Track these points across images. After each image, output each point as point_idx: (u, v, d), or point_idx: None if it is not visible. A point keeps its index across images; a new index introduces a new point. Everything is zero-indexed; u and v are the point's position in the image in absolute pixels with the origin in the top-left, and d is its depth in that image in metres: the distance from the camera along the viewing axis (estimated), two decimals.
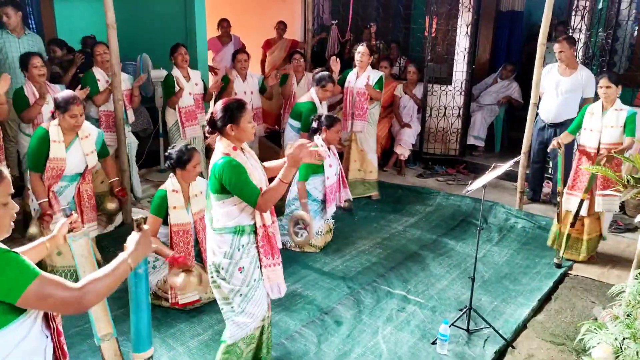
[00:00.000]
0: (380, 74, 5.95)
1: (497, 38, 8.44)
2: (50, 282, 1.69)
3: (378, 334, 3.77)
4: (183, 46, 5.59)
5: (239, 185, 2.72)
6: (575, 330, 3.70)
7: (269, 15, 8.19)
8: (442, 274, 4.64)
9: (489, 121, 7.54)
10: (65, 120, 3.80)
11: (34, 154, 3.82)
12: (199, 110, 5.76)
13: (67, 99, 3.77)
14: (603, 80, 4.50)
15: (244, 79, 5.92)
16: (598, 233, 4.78)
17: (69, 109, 3.76)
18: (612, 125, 4.47)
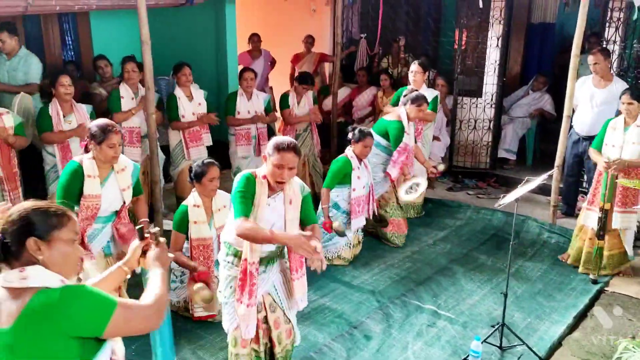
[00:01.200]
0: (436, 93, 5.82)
1: (528, 50, 8.34)
2: (129, 306, 1.75)
3: (408, 350, 3.73)
4: (187, 66, 5.48)
5: (234, 196, 2.80)
6: (612, 348, 3.60)
7: (299, 30, 8.27)
8: (473, 289, 4.56)
9: (521, 134, 7.44)
10: (102, 151, 3.37)
11: (65, 191, 3.37)
12: (203, 130, 5.55)
13: (105, 127, 3.36)
14: (625, 96, 4.47)
15: (249, 98, 5.74)
16: (621, 250, 4.68)
17: (107, 138, 3.34)
18: (634, 141, 4.42)
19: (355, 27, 8.74)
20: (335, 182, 4.80)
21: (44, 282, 1.64)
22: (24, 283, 1.64)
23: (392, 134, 5.04)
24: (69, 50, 7.35)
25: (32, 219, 1.69)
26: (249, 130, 5.74)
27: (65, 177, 3.39)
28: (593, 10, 6.16)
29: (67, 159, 4.59)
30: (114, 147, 3.37)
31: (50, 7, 4.87)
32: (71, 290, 1.66)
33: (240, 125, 5.71)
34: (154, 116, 5.04)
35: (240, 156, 5.80)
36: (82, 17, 6.99)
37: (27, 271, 1.65)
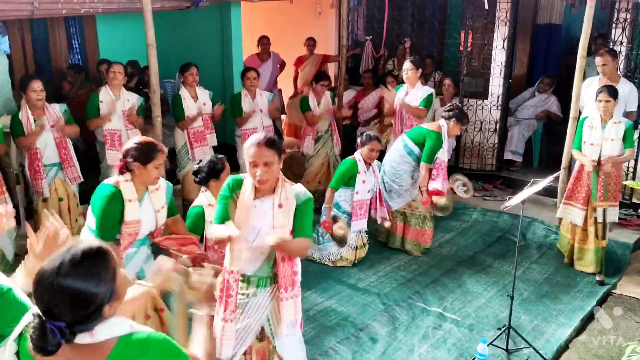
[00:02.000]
0: (430, 91, 5.81)
1: (534, 52, 8.31)
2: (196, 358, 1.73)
3: (414, 352, 3.71)
4: (195, 66, 5.50)
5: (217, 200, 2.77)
6: (619, 351, 3.57)
7: (304, 32, 8.28)
8: (480, 291, 4.55)
9: (527, 136, 7.40)
10: (146, 172, 2.99)
11: (107, 220, 2.96)
12: (208, 131, 5.58)
13: (153, 146, 3.02)
14: (602, 94, 4.54)
15: (253, 97, 5.78)
16: (602, 244, 4.72)
17: (155, 158, 2.99)
18: (613, 138, 4.55)
19: (361, 29, 8.74)
20: (340, 184, 4.80)
21: (117, 332, 1.53)
22: (97, 338, 1.50)
23: (429, 144, 4.84)
24: (76, 54, 7.41)
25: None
26: (256, 129, 5.78)
27: (103, 203, 2.96)
28: (600, 11, 6.15)
29: (35, 167, 4.61)
30: (159, 168, 3.05)
31: (57, 11, 4.90)
32: (153, 339, 1.59)
33: (249, 120, 5.76)
34: (159, 119, 5.05)
35: None
36: (89, 20, 7.05)
37: (97, 329, 1.50)
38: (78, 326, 1.45)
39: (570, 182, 4.84)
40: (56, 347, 1.42)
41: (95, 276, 1.45)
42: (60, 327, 1.41)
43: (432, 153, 4.84)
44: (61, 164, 4.80)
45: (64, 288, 1.41)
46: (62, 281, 1.41)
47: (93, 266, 1.46)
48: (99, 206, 2.96)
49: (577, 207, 4.74)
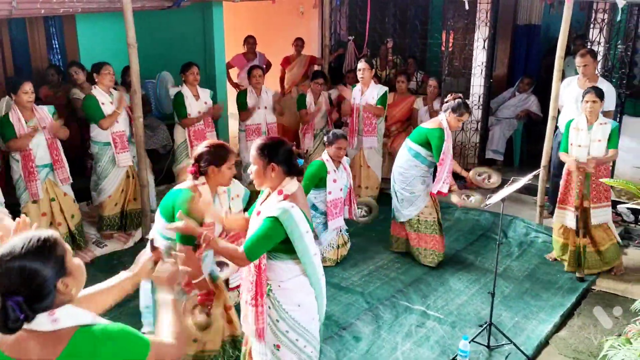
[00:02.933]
0: (385, 88, 5.98)
1: (514, 52, 8.40)
2: (159, 344, 1.74)
3: (397, 350, 3.74)
4: (196, 65, 5.59)
5: None
6: (598, 346, 3.63)
7: (287, 32, 8.27)
8: (462, 289, 4.59)
9: (508, 135, 7.48)
10: (221, 174, 3.03)
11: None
12: (208, 129, 5.69)
13: (224, 148, 3.06)
14: (589, 95, 4.57)
15: (259, 94, 5.97)
16: (613, 242, 4.77)
17: (228, 159, 3.03)
18: (600, 139, 4.58)
19: (344, 30, 8.75)
20: (310, 186, 4.77)
21: (76, 321, 1.60)
22: (57, 325, 1.57)
23: (435, 143, 4.66)
24: (56, 54, 7.31)
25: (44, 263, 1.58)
26: (259, 125, 5.96)
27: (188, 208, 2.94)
28: (578, 12, 6.23)
29: (29, 168, 4.60)
30: (231, 168, 3.08)
31: (35, 11, 4.83)
32: (110, 331, 1.63)
33: (252, 114, 5.94)
34: (140, 120, 5.02)
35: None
36: (68, 20, 6.96)
37: (57, 313, 1.58)
38: (36, 303, 1.55)
39: (562, 186, 4.81)
40: (17, 323, 1.52)
41: (43, 255, 1.57)
42: (19, 302, 1.51)
43: (440, 150, 4.66)
44: (52, 165, 4.79)
45: (15, 267, 1.53)
46: (13, 262, 1.54)
47: (41, 248, 1.58)
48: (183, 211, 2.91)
49: (571, 210, 4.71)
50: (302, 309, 2.75)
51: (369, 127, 5.90)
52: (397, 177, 4.94)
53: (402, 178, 4.89)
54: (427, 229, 4.89)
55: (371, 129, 5.92)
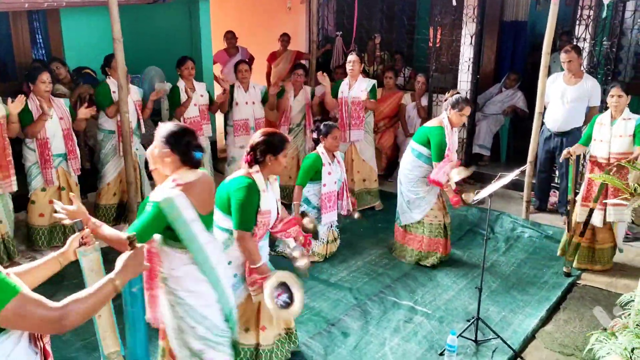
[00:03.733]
0: (373, 82, 5.98)
1: (501, 48, 8.45)
2: (31, 301, 1.64)
3: (385, 345, 3.75)
4: (191, 60, 5.64)
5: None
6: (584, 340, 3.66)
7: (274, 28, 8.24)
8: (449, 284, 4.61)
9: (494, 130, 7.53)
10: (277, 162, 3.12)
11: (249, 210, 3.06)
12: (204, 122, 5.76)
13: (281, 137, 3.16)
14: (615, 89, 4.51)
15: (246, 90, 5.93)
16: (612, 244, 4.76)
17: (285, 148, 3.14)
18: (621, 134, 4.50)
19: (331, 25, 8.74)
20: (307, 180, 4.80)
21: None
22: None
23: (434, 141, 4.57)
24: (40, 49, 7.21)
25: None
26: (247, 120, 5.92)
27: (244, 195, 3.03)
28: (564, 8, 6.26)
29: (45, 156, 4.78)
30: (286, 157, 3.19)
31: (19, 5, 4.77)
32: None
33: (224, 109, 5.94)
34: (127, 115, 4.99)
35: (238, 146, 5.91)
36: (53, 14, 6.87)
37: None
38: None
39: (585, 183, 4.73)
40: None
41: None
42: None
43: (441, 150, 4.54)
44: (66, 155, 4.95)
45: None
46: None
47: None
48: (240, 197, 3.03)
49: (600, 208, 4.58)
50: (194, 294, 2.67)
51: (357, 120, 5.90)
52: (403, 179, 4.87)
53: (407, 180, 4.83)
54: (431, 232, 4.83)
55: (359, 122, 5.91)
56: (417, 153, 4.74)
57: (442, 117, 4.67)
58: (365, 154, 6.10)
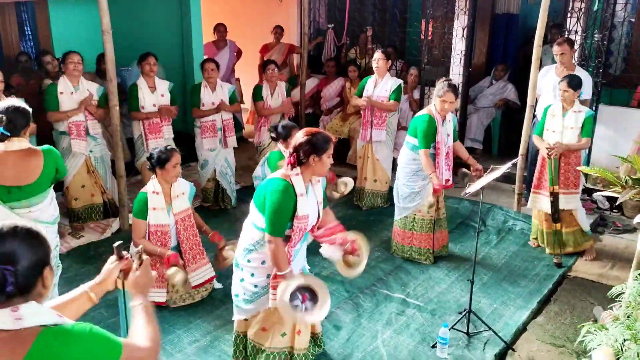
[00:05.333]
0: (399, 82, 5.75)
1: (493, 41, 8.44)
2: (132, 349, 1.68)
3: (377, 338, 3.75)
4: (153, 56, 5.35)
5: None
6: (575, 332, 3.69)
7: (265, 20, 8.20)
8: (441, 277, 4.62)
9: (486, 123, 7.54)
10: (321, 163, 2.96)
11: (282, 215, 2.92)
12: (165, 123, 5.42)
13: (325, 136, 2.98)
14: (562, 84, 4.68)
15: (213, 89, 5.61)
16: (576, 227, 4.85)
17: (329, 148, 2.96)
18: (572, 126, 4.65)
19: (323, 18, 8.70)
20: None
21: (41, 320, 1.49)
22: (20, 324, 1.46)
23: (419, 128, 4.50)
24: (28, 41, 7.14)
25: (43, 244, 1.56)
26: (215, 122, 5.64)
27: (278, 197, 2.89)
28: (556, 1, 6.26)
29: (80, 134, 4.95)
30: (330, 157, 3.01)
31: None
32: (80, 332, 1.55)
33: (206, 116, 5.60)
34: (117, 108, 4.94)
35: (206, 148, 5.70)
36: (41, 6, 6.79)
37: (21, 310, 1.47)
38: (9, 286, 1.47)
39: (537, 171, 4.89)
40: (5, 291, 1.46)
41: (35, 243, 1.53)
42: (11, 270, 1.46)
43: (426, 137, 4.46)
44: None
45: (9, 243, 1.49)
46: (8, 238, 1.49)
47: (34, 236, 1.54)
48: (274, 201, 2.89)
49: (545, 194, 4.78)
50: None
51: (379, 120, 5.69)
52: (400, 173, 4.82)
53: (403, 173, 4.78)
54: (422, 228, 4.76)
55: (381, 122, 5.70)
56: (411, 146, 4.68)
57: (431, 106, 4.63)
58: (381, 154, 5.88)
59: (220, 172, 5.79)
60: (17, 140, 3.22)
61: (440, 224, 4.85)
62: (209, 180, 5.84)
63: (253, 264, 3.09)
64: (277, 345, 3.20)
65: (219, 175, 5.80)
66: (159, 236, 3.90)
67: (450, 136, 4.67)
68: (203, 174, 5.84)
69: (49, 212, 3.43)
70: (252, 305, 3.15)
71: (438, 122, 4.50)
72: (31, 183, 3.24)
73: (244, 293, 3.14)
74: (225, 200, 5.93)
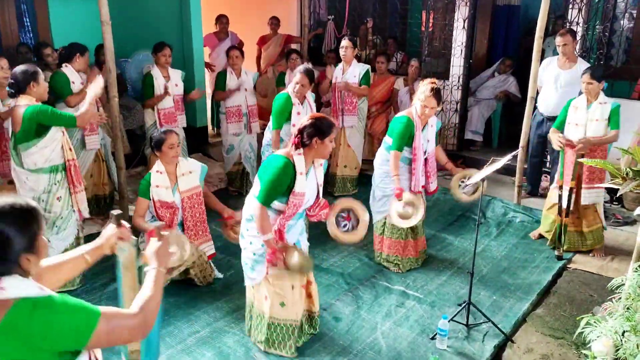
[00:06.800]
0: (367, 67, 5.92)
1: (494, 32, 8.42)
2: (113, 316, 1.66)
3: (377, 330, 3.76)
4: (169, 47, 5.45)
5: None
6: (574, 324, 3.69)
7: (265, 12, 8.15)
8: (441, 269, 4.62)
9: (487, 116, 7.52)
10: (323, 146, 3.17)
11: (272, 186, 3.14)
12: (178, 112, 5.58)
13: (328, 121, 3.20)
14: (585, 76, 4.55)
15: (239, 76, 5.84)
16: (599, 225, 4.79)
17: (331, 132, 3.18)
18: (597, 118, 4.53)
19: (323, 9, 8.66)
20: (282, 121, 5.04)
21: (21, 292, 1.55)
22: (4, 294, 1.54)
23: (396, 129, 4.24)
24: (27, 32, 7.10)
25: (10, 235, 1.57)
26: (240, 107, 5.84)
27: (275, 172, 3.14)
28: None
29: (2, 147, 4.70)
30: (333, 141, 3.23)
31: None
32: (51, 302, 1.57)
33: (224, 98, 5.81)
34: (116, 99, 4.92)
35: (232, 133, 5.87)
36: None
37: (4, 281, 1.55)
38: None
39: (560, 165, 4.72)
40: None
41: (17, 224, 1.57)
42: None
43: (400, 139, 4.21)
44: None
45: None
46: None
47: (22, 217, 1.58)
48: (271, 174, 3.15)
49: (567, 189, 4.63)
50: None
51: (350, 106, 5.88)
52: (375, 174, 4.56)
53: (377, 174, 4.52)
54: (393, 233, 4.49)
55: (352, 107, 5.89)
56: (387, 146, 4.42)
57: (412, 107, 4.33)
58: (353, 140, 6.08)
59: (245, 157, 6.01)
60: (23, 97, 3.74)
61: (416, 232, 4.55)
62: (235, 164, 6.03)
63: (252, 233, 3.30)
64: (277, 315, 3.40)
65: (243, 160, 6.00)
66: (164, 212, 3.98)
67: (431, 142, 4.39)
68: (229, 159, 6.02)
69: (31, 159, 3.83)
70: (254, 274, 3.38)
71: (417, 126, 4.23)
72: (16, 132, 3.76)
73: (245, 263, 3.42)
74: (247, 185, 6.07)
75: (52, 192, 3.95)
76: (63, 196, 4.01)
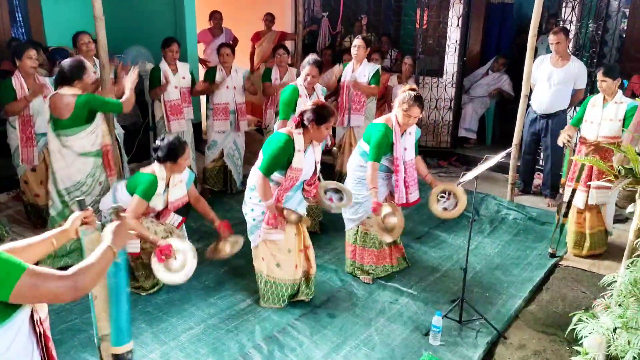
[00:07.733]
0: (377, 67, 5.78)
1: (487, 30, 8.43)
2: (40, 275, 1.67)
3: (371, 326, 3.77)
4: (176, 42, 5.50)
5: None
6: (566, 320, 3.70)
7: (260, 8, 8.12)
8: (435, 265, 4.64)
9: (480, 113, 7.55)
10: (319, 131, 3.58)
11: (275, 160, 3.58)
12: (185, 104, 5.63)
13: (328, 110, 3.59)
14: (598, 74, 4.50)
15: (229, 73, 5.75)
16: (602, 228, 4.76)
17: (328, 120, 3.57)
18: (612, 118, 4.44)
19: (317, 6, 8.64)
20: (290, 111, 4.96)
21: None
22: None
23: (373, 138, 3.98)
24: (19, 27, 7.05)
25: None
26: (227, 105, 5.79)
27: (277, 146, 3.58)
28: None
29: (27, 134, 4.70)
30: (329, 128, 3.65)
31: None
32: None
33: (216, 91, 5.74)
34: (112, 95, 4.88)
35: (216, 130, 5.83)
36: None
37: None
38: None
39: (573, 165, 4.64)
40: None
41: None
42: None
43: (378, 148, 3.95)
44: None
45: None
46: None
47: None
48: (273, 148, 3.59)
49: (583, 189, 4.59)
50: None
51: (357, 105, 5.70)
52: (347, 179, 4.32)
53: (350, 179, 4.27)
54: (365, 242, 4.32)
55: (359, 107, 5.71)
56: (361, 151, 4.17)
57: (391, 114, 4.09)
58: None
59: (227, 154, 5.96)
60: (68, 88, 4.06)
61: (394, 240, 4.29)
62: (213, 161, 5.97)
63: (254, 201, 3.76)
64: (273, 274, 3.87)
65: (226, 157, 5.96)
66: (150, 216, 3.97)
67: (409, 150, 4.12)
68: (209, 154, 5.96)
69: (79, 144, 4.18)
70: (254, 237, 3.84)
71: (396, 135, 4.01)
72: (65, 119, 4.07)
73: (248, 226, 3.85)
74: (232, 183, 6.04)
75: (95, 175, 4.29)
76: (103, 181, 4.37)
